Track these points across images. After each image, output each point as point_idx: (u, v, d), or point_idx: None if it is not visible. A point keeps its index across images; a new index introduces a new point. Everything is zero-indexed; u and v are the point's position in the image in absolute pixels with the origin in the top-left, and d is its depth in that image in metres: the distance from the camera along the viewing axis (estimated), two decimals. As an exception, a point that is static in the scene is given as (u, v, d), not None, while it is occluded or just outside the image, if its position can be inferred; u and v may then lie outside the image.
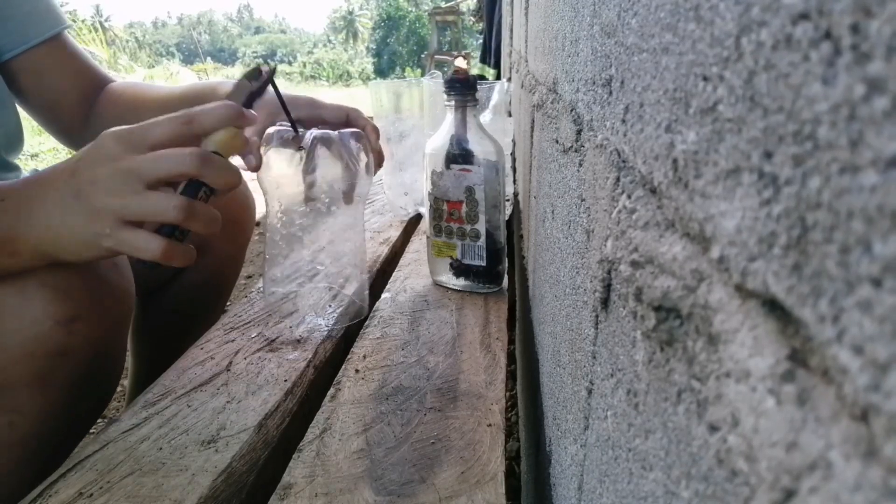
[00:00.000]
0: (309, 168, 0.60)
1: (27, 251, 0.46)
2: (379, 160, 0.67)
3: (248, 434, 0.46)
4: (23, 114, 0.72)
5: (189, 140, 0.47)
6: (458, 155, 0.65)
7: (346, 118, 0.67)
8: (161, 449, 0.44)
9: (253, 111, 0.51)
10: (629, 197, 0.21)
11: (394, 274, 0.79)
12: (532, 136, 0.75)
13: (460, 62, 0.67)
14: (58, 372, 0.49)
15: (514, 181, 1.25)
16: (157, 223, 0.46)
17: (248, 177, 0.60)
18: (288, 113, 0.58)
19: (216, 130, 0.48)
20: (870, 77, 0.08)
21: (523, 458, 0.78)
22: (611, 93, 0.26)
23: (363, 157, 0.63)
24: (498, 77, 3.63)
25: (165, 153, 0.45)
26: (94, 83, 0.76)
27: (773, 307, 0.11)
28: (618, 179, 0.23)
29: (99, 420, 1.12)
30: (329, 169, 0.61)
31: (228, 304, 1.04)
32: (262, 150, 0.60)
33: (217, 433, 0.46)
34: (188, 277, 0.87)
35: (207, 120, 0.47)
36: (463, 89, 0.65)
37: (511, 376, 1.09)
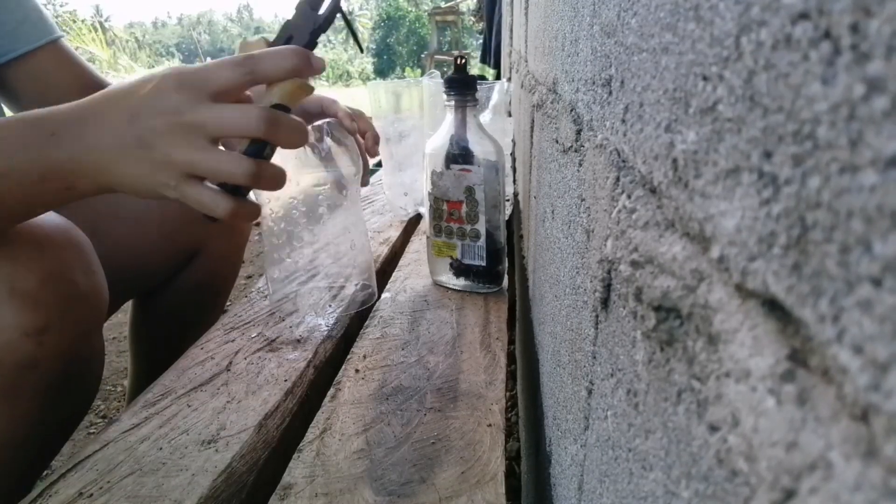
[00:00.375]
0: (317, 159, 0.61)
1: (84, 187, 0.45)
2: (374, 140, 0.69)
3: (248, 434, 0.46)
4: None
5: (250, 87, 0.45)
6: (458, 155, 0.65)
7: (321, 107, 0.70)
8: (161, 449, 0.44)
9: (319, 56, 0.46)
10: (629, 197, 0.21)
11: (394, 274, 0.79)
12: (532, 136, 0.75)
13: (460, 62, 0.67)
14: (27, 383, 0.48)
15: (514, 181, 1.25)
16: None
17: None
18: (356, 38, 0.56)
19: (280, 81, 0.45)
20: (869, 77, 0.08)
21: (523, 458, 0.78)
22: (610, 93, 0.26)
23: (350, 146, 0.64)
24: (498, 77, 3.63)
25: (234, 111, 0.42)
26: (92, 88, 0.76)
27: (773, 307, 0.11)
28: (618, 179, 0.23)
29: (99, 420, 1.12)
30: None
31: (228, 303, 1.04)
32: None
33: (217, 433, 0.46)
34: (185, 279, 0.87)
35: (273, 70, 0.44)
36: (463, 89, 0.65)
37: (511, 376, 1.09)
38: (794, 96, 0.10)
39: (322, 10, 0.48)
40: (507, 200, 0.80)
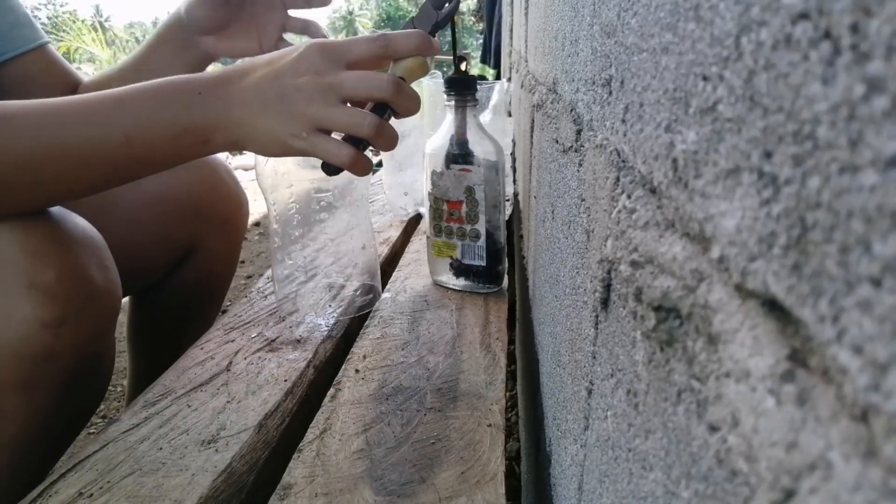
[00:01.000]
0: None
1: (219, 141, 0.50)
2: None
3: (248, 434, 0.46)
4: None
5: (380, 62, 0.51)
6: (458, 155, 0.65)
7: (305, 29, 0.73)
8: (161, 449, 0.44)
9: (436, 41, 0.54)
10: (629, 197, 0.21)
11: (394, 274, 0.79)
12: (532, 136, 0.75)
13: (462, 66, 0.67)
14: (44, 375, 0.48)
15: (514, 181, 1.25)
16: (344, 134, 0.51)
17: (248, 176, 0.60)
18: (455, 48, 0.64)
19: (406, 58, 0.52)
20: (869, 77, 0.08)
21: (523, 458, 0.78)
22: (610, 93, 0.26)
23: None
24: (498, 77, 3.62)
25: (368, 76, 0.49)
26: (78, 90, 0.77)
27: (773, 307, 0.11)
28: (618, 179, 0.23)
29: (99, 420, 1.12)
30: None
31: (228, 303, 1.04)
32: None
33: (217, 433, 0.46)
34: (181, 276, 0.87)
35: (402, 47, 0.50)
36: (463, 89, 0.65)
37: (511, 376, 1.09)
38: (794, 96, 0.10)
39: (443, 10, 0.56)
40: (507, 200, 0.80)
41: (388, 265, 0.86)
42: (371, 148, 0.52)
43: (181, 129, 0.48)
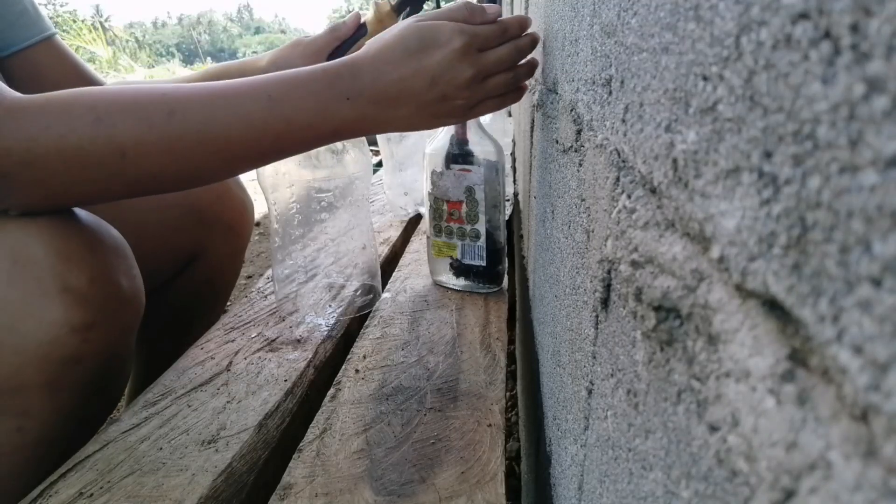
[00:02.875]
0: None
1: (367, 131, 0.53)
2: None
3: (249, 434, 0.46)
4: None
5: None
6: (458, 155, 0.65)
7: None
8: (161, 449, 0.44)
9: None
10: (629, 197, 0.21)
11: (394, 274, 0.79)
12: (532, 136, 0.75)
13: None
14: (70, 377, 0.49)
15: (514, 181, 1.25)
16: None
17: (248, 176, 0.60)
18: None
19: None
20: (869, 76, 0.08)
21: (523, 458, 0.78)
22: (610, 92, 0.26)
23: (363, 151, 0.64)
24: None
25: (505, 54, 0.53)
26: (88, 84, 0.77)
27: (773, 307, 0.11)
28: (618, 179, 0.23)
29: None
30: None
31: (228, 303, 1.04)
32: None
33: (217, 433, 0.46)
34: (184, 281, 0.87)
35: (512, 27, 0.55)
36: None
37: (511, 376, 1.09)
38: (794, 96, 0.10)
39: None
40: (507, 200, 0.80)
41: (388, 265, 0.86)
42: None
43: (330, 131, 0.50)
